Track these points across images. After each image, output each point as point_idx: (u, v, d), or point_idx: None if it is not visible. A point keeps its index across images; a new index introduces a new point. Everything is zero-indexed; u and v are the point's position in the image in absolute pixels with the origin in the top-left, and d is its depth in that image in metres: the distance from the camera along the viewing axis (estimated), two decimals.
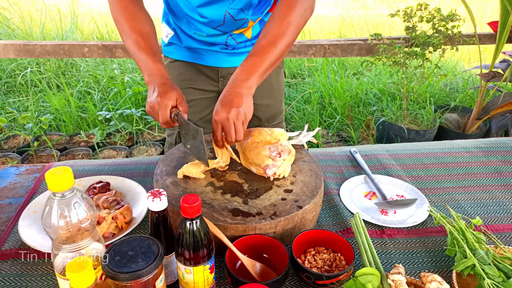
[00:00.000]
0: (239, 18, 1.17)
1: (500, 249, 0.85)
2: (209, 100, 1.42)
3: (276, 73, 1.41)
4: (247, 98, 0.97)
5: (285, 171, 1.03)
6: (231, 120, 0.94)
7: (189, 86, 1.37)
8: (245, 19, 1.18)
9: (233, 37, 1.25)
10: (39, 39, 4.28)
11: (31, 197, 1.10)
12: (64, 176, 0.62)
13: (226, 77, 1.36)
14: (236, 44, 1.27)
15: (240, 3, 1.14)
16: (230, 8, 1.14)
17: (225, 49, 1.28)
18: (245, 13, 1.17)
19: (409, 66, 2.76)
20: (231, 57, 1.31)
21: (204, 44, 1.28)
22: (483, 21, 5.36)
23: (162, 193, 0.72)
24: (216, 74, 1.35)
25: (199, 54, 1.32)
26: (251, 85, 0.98)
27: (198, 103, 1.40)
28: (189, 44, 1.30)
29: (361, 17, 6.40)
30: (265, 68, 1.00)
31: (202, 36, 1.26)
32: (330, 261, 0.86)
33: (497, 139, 1.44)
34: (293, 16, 1.02)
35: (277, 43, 1.01)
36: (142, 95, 3.35)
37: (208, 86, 1.38)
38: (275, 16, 1.04)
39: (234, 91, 0.96)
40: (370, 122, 3.24)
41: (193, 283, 0.73)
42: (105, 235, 0.91)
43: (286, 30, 1.01)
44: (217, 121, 0.95)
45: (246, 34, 1.25)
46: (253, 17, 1.20)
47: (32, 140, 2.84)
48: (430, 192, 1.16)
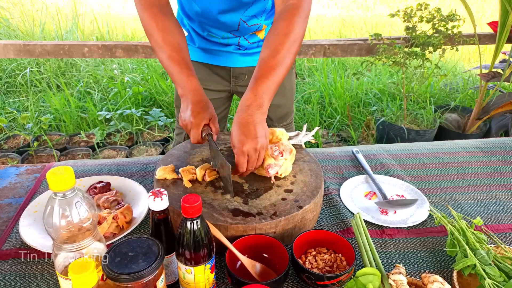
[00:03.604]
0: (252, 23, 1.19)
1: (501, 249, 0.85)
2: (220, 100, 1.43)
3: (288, 73, 1.41)
4: (265, 125, 0.96)
5: (286, 171, 1.03)
6: (258, 151, 0.94)
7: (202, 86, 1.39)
8: (259, 24, 1.20)
9: (245, 38, 1.27)
10: (39, 39, 4.28)
11: (31, 197, 1.10)
12: (65, 175, 0.62)
13: (238, 77, 1.37)
14: (249, 45, 1.29)
15: (253, 10, 1.15)
16: (244, 15, 1.15)
17: (238, 49, 1.30)
18: (258, 18, 1.18)
19: (409, 66, 2.76)
20: (244, 57, 1.33)
21: (217, 45, 1.29)
22: (483, 21, 5.36)
23: (163, 192, 0.72)
24: (228, 74, 1.37)
25: (212, 54, 1.33)
26: (265, 110, 0.97)
27: None
28: (203, 45, 1.31)
29: (361, 17, 6.40)
30: (275, 89, 0.99)
31: (216, 37, 1.27)
32: (331, 261, 0.86)
33: (497, 139, 1.44)
34: (296, 31, 1.01)
35: (284, 62, 0.99)
36: (142, 95, 3.35)
37: (220, 86, 1.40)
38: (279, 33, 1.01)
39: (252, 120, 0.94)
40: (370, 122, 3.24)
41: (193, 283, 0.73)
42: (106, 235, 0.91)
43: (291, 47, 1.00)
44: (244, 152, 0.92)
45: (259, 35, 1.27)
46: (267, 22, 1.22)
47: (32, 140, 2.84)
48: (430, 192, 1.16)
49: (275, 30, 1.03)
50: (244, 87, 1.38)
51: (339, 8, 7.13)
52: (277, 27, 1.03)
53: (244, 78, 1.37)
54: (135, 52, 2.60)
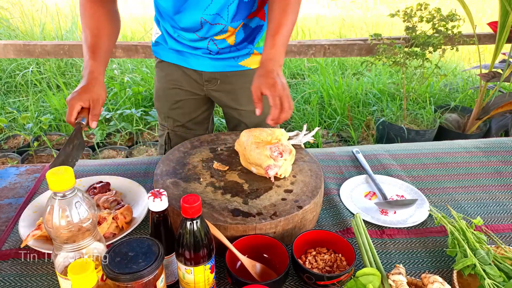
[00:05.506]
0: (216, 22, 1.17)
1: (501, 249, 0.85)
2: (197, 101, 1.41)
3: None
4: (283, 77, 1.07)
5: (286, 171, 1.03)
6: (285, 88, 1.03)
7: (176, 87, 1.37)
8: (223, 25, 1.18)
9: (214, 43, 1.24)
10: (39, 39, 4.28)
11: (31, 197, 1.10)
12: (65, 175, 0.62)
13: (211, 81, 1.35)
14: (218, 50, 1.27)
15: (214, 9, 1.13)
16: (205, 14, 1.14)
17: (207, 53, 1.28)
18: (222, 17, 1.16)
19: (409, 66, 2.76)
20: (215, 61, 1.30)
21: (187, 48, 1.28)
22: (483, 21, 5.36)
23: (163, 193, 0.72)
24: (200, 78, 1.35)
25: (183, 56, 1.32)
26: (282, 63, 1.10)
27: (186, 104, 1.40)
28: (174, 46, 1.30)
29: (361, 17, 6.40)
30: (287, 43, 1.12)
31: (185, 40, 1.26)
32: (331, 261, 0.86)
33: (497, 139, 1.44)
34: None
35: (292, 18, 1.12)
36: (142, 95, 3.35)
37: (194, 88, 1.38)
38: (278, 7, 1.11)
39: (277, 74, 1.04)
40: (370, 122, 3.24)
41: (193, 283, 0.73)
42: (106, 235, 0.91)
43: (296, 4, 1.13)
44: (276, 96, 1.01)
45: (229, 41, 1.24)
46: (233, 24, 1.19)
47: (32, 140, 2.84)
48: (430, 192, 1.16)
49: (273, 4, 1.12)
50: (218, 91, 1.36)
51: (339, 8, 7.13)
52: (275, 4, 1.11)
53: (216, 83, 1.35)
54: (135, 52, 2.60)
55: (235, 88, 1.35)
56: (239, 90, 1.35)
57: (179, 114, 1.42)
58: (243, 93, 1.35)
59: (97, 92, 1.05)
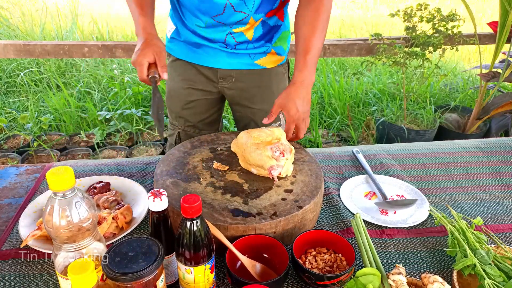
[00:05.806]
0: (240, 10, 1.16)
1: (501, 249, 0.85)
2: (210, 101, 1.41)
3: (279, 79, 1.39)
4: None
5: (288, 170, 1.03)
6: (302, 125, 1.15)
7: (189, 87, 1.37)
8: (246, 14, 1.18)
9: (232, 36, 1.24)
10: (39, 39, 4.28)
11: (31, 197, 1.10)
12: (65, 175, 0.62)
13: (225, 78, 1.35)
14: (235, 44, 1.26)
15: None
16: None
17: (224, 47, 1.27)
18: (247, 6, 1.16)
19: (409, 66, 2.76)
20: (231, 58, 1.30)
21: (203, 40, 1.27)
22: (483, 21, 5.36)
23: (163, 193, 0.72)
24: (215, 75, 1.34)
25: (197, 53, 1.31)
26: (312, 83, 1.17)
27: (199, 104, 1.40)
28: (188, 38, 1.29)
29: (361, 17, 6.40)
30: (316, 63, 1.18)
31: (201, 28, 1.24)
32: (331, 261, 0.86)
33: (497, 139, 1.44)
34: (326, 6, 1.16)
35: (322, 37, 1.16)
36: (142, 95, 3.35)
37: (208, 86, 1.37)
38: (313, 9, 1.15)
39: (307, 93, 1.14)
40: (370, 122, 3.24)
41: (193, 283, 0.73)
42: (106, 235, 0.91)
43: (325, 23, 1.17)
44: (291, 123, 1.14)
45: (247, 35, 1.24)
46: (256, 16, 1.19)
47: (32, 140, 2.84)
48: (430, 192, 1.16)
49: (308, 5, 1.16)
50: (232, 89, 1.37)
51: (339, 8, 7.13)
52: (310, 2, 1.15)
53: (231, 80, 1.35)
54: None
55: (249, 86, 1.36)
56: (254, 89, 1.36)
57: (191, 114, 1.41)
58: (258, 92, 1.36)
59: (157, 45, 1.08)
